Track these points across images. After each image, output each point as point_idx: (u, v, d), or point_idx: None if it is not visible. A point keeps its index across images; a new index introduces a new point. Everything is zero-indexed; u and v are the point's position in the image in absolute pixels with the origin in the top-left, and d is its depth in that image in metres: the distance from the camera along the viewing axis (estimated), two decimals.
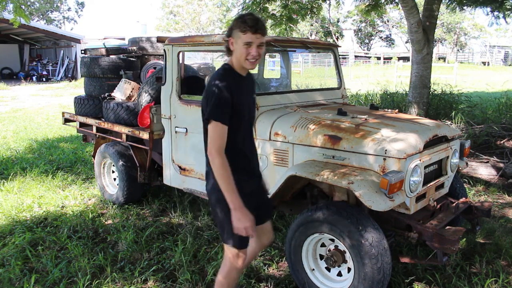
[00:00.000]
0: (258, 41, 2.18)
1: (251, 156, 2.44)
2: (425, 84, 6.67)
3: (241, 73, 2.33)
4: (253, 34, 2.16)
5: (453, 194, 3.55)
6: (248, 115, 2.38)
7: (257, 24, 2.16)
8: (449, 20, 42.54)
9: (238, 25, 2.18)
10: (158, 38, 4.18)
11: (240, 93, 2.28)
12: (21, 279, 3.24)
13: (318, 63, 27.25)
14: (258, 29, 2.16)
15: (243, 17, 2.18)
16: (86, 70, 5.20)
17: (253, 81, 2.50)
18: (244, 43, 2.17)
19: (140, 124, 4.39)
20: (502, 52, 42.98)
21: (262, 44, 2.22)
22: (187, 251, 3.62)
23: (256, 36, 2.17)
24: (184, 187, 3.98)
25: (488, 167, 5.79)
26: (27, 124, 10.21)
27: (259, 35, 2.18)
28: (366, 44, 52.59)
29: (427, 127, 3.13)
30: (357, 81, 18.51)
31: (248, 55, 2.20)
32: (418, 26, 6.21)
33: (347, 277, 2.83)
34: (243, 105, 2.30)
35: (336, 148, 2.95)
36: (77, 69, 24.57)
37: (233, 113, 2.24)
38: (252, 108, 2.46)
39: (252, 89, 2.46)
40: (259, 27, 2.16)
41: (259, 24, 2.17)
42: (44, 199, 4.94)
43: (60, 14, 45.14)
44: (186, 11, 45.20)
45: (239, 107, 2.27)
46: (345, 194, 3.12)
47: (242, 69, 2.33)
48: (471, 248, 3.68)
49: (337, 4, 9.25)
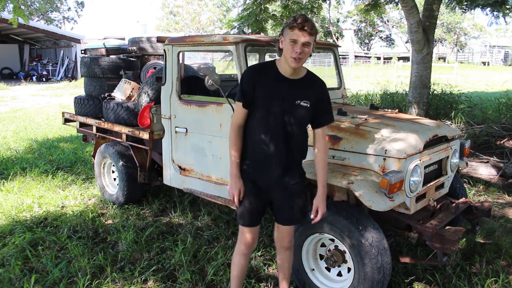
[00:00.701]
0: (304, 39, 2.23)
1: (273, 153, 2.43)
2: (425, 84, 6.67)
3: (287, 74, 2.38)
4: (299, 31, 2.21)
5: (453, 194, 3.55)
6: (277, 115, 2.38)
7: (305, 22, 2.21)
8: (449, 20, 42.53)
9: (288, 23, 2.26)
10: (158, 38, 4.17)
11: (267, 90, 2.38)
12: (21, 279, 3.24)
13: (318, 63, 27.24)
14: (306, 27, 2.21)
15: (295, 16, 2.26)
16: (86, 70, 5.20)
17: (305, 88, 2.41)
18: (291, 40, 2.24)
19: (140, 124, 4.39)
20: (502, 52, 42.97)
21: (308, 44, 2.25)
22: (187, 251, 3.62)
23: (303, 34, 2.22)
24: (184, 187, 3.98)
25: (488, 167, 5.79)
26: (27, 124, 10.21)
27: (306, 34, 2.22)
28: (366, 44, 52.58)
29: (427, 127, 3.14)
30: (357, 81, 18.51)
31: (292, 52, 2.25)
32: (418, 26, 6.21)
33: (347, 277, 2.83)
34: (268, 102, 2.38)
35: (336, 148, 2.95)
36: (77, 69, 24.57)
37: (254, 104, 2.41)
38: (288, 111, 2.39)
39: (297, 94, 2.39)
40: (307, 26, 2.22)
41: (308, 23, 2.23)
42: (44, 199, 4.94)
43: (60, 14, 45.14)
44: (186, 11, 45.21)
45: (262, 103, 2.39)
46: (345, 194, 3.12)
47: (290, 70, 2.36)
48: (471, 248, 3.69)
49: (338, 4, 9.25)
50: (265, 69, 2.46)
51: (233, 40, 3.37)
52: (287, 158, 2.46)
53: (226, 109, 3.41)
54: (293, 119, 2.41)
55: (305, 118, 2.45)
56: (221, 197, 3.60)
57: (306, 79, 2.44)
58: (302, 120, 2.45)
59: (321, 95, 2.46)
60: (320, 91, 2.46)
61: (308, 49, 2.27)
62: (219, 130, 3.52)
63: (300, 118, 2.43)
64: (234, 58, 3.38)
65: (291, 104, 2.39)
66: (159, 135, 4.09)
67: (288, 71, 2.38)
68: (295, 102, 2.39)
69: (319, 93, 2.46)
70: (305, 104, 2.40)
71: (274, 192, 2.54)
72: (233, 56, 3.38)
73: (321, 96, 2.47)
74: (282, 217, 2.61)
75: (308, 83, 2.44)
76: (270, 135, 2.42)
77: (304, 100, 2.40)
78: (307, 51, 2.27)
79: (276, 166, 2.46)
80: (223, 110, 3.46)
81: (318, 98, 2.44)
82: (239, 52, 3.34)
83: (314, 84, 2.46)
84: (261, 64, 2.57)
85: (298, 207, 2.58)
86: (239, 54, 3.33)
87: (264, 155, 2.45)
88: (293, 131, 2.43)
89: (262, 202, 2.56)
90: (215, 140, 3.58)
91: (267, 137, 2.42)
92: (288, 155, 2.46)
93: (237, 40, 3.36)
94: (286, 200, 2.55)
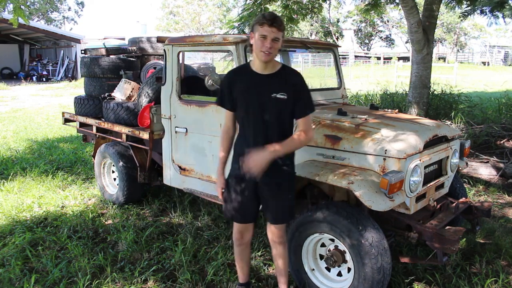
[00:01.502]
0: (273, 34, 2.34)
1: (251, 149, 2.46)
2: (425, 84, 6.66)
3: (260, 70, 2.49)
4: (269, 27, 2.32)
5: (453, 194, 3.55)
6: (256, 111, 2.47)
7: (274, 19, 2.34)
8: (449, 20, 42.53)
9: (258, 20, 2.37)
10: (158, 38, 4.17)
11: (243, 88, 2.50)
12: (21, 279, 3.24)
13: (318, 63, 27.22)
14: (275, 23, 2.33)
15: (264, 14, 2.40)
16: (86, 70, 5.20)
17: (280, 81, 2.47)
18: (260, 35, 2.34)
19: (140, 124, 4.39)
20: (502, 52, 42.97)
21: (277, 39, 2.36)
22: (187, 251, 3.62)
23: (272, 30, 2.33)
24: (184, 187, 3.98)
25: (488, 167, 5.79)
26: (27, 124, 10.21)
27: (275, 29, 2.33)
28: (366, 44, 52.59)
29: (427, 127, 3.13)
30: (357, 81, 18.51)
31: (262, 47, 2.34)
32: (418, 26, 6.21)
33: (347, 277, 2.83)
34: (246, 100, 2.49)
35: (336, 148, 2.95)
36: (77, 69, 24.58)
37: (236, 105, 2.55)
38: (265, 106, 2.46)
39: (272, 88, 2.45)
40: (276, 22, 2.33)
41: (277, 19, 2.35)
42: (44, 199, 4.94)
43: (60, 14, 45.15)
44: (186, 11, 45.20)
45: (241, 101, 2.51)
46: (345, 194, 3.12)
47: (262, 65, 2.46)
48: (471, 248, 3.69)
49: (338, 4, 9.26)
50: (241, 70, 2.62)
51: (233, 40, 3.37)
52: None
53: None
54: (272, 112, 2.47)
55: (284, 110, 2.49)
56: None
57: (281, 72, 2.51)
58: (281, 113, 2.49)
59: (298, 86, 2.50)
60: (297, 82, 2.50)
61: (277, 44, 2.38)
62: (219, 130, 3.51)
63: (279, 111, 2.48)
64: (234, 58, 3.38)
65: (267, 98, 2.45)
66: (159, 135, 4.09)
67: (261, 67, 2.47)
68: (271, 95, 2.45)
69: (296, 84, 2.50)
70: (282, 96, 2.45)
71: (260, 189, 2.58)
72: (233, 56, 3.38)
73: (299, 87, 2.50)
74: (268, 215, 2.65)
75: (283, 76, 2.49)
76: (251, 130, 2.51)
77: (281, 92, 2.45)
78: (276, 46, 2.37)
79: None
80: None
81: (295, 89, 2.48)
82: (239, 52, 3.34)
83: (290, 76, 2.51)
84: (237, 67, 2.71)
85: (283, 207, 2.60)
86: (239, 54, 3.33)
87: (246, 151, 2.50)
88: (273, 125, 2.49)
89: (248, 199, 2.61)
90: (215, 140, 3.58)
91: (248, 133, 2.53)
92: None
93: (237, 40, 3.36)
94: (270, 198, 2.59)
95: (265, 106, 2.47)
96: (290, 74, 2.52)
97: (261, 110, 2.47)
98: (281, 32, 2.37)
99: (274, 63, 2.51)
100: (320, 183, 3.06)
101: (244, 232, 2.75)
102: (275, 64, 2.51)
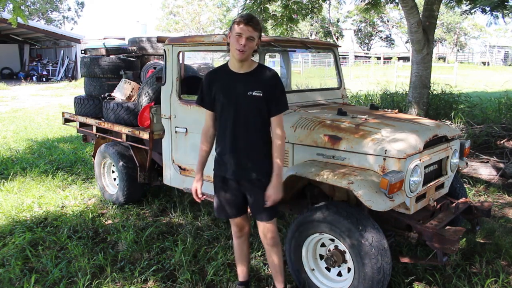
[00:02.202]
0: (248, 33, 2.39)
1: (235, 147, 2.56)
2: (425, 84, 6.66)
3: (237, 69, 2.53)
4: (245, 26, 2.37)
5: (453, 194, 3.55)
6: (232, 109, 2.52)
7: (250, 18, 2.39)
8: (449, 20, 42.53)
9: (235, 19, 2.44)
10: (158, 38, 4.17)
11: (220, 87, 2.56)
12: (21, 279, 3.24)
13: (318, 63, 27.23)
14: (250, 22, 2.38)
15: (241, 14, 2.47)
16: (86, 70, 5.20)
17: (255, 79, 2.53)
18: (236, 33, 2.40)
19: (140, 124, 4.39)
20: (502, 52, 42.96)
21: (252, 38, 2.41)
22: (187, 251, 3.62)
23: (248, 29, 2.38)
24: (184, 187, 3.98)
25: (488, 167, 5.79)
26: (27, 124, 10.21)
27: (251, 28, 2.38)
28: (366, 44, 52.59)
29: (427, 127, 3.13)
30: (357, 81, 18.51)
31: (237, 45, 2.40)
32: (418, 26, 6.21)
33: (347, 277, 2.83)
34: (223, 98, 2.55)
35: (336, 148, 2.95)
36: (77, 69, 24.57)
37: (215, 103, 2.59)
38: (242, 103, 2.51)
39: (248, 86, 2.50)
40: (252, 21, 2.39)
41: (253, 19, 2.40)
42: (44, 199, 4.94)
43: (60, 14, 45.14)
44: (186, 11, 45.20)
45: (218, 100, 2.57)
46: (345, 194, 3.12)
47: (238, 64, 2.51)
48: (471, 248, 3.69)
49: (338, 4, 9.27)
50: (219, 70, 2.65)
51: None
52: (245, 149, 2.56)
53: None
54: (248, 110, 2.52)
55: (260, 108, 2.53)
56: None
57: (257, 71, 2.55)
58: (258, 111, 2.54)
59: (273, 84, 2.55)
60: (272, 81, 2.55)
61: (252, 43, 2.43)
62: None
63: (255, 109, 2.53)
64: None
65: (243, 96, 2.50)
66: (159, 135, 4.09)
67: (237, 65, 2.53)
68: (247, 93, 2.50)
69: (271, 82, 2.55)
70: (258, 94, 2.50)
71: (243, 186, 2.63)
72: None
73: (274, 85, 2.55)
74: (252, 212, 2.71)
75: (259, 74, 2.54)
76: (228, 128, 2.56)
77: (256, 90, 2.50)
78: (251, 45, 2.42)
79: (234, 158, 2.56)
80: None
81: (270, 87, 2.53)
82: None
83: (265, 74, 2.55)
84: (216, 67, 2.75)
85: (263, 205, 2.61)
86: None
87: (223, 148, 2.60)
88: (250, 122, 2.53)
89: (236, 195, 2.67)
90: None
91: (226, 131, 2.57)
92: (246, 147, 2.56)
93: None
94: (252, 194, 2.64)
95: (241, 104, 2.52)
96: (265, 72, 2.56)
97: (238, 108, 2.52)
98: (256, 32, 2.41)
99: (251, 63, 2.56)
100: (320, 183, 3.06)
101: (242, 224, 2.82)
102: (251, 64, 2.56)
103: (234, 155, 2.57)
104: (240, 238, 2.87)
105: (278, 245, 2.76)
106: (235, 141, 2.56)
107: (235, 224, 2.82)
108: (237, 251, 2.91)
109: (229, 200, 2.70)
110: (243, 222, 2.82)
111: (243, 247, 2.90)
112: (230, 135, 2.56)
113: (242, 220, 2.80)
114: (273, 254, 2.77)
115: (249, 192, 2.65)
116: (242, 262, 2.93)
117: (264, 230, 2.69)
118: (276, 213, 2.71)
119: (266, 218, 2.65)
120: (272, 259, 2.79)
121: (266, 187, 2.57)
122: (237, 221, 2.80)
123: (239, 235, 2.86)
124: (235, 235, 2.86)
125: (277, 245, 2.76)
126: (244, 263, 2.94)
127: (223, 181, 2.67)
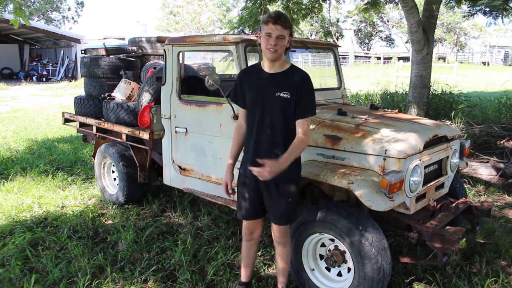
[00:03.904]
0: (277, 32, 2.36)
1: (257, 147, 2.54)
2: (425, 84, 6.66)
3: (268, 69, 2.51)
4: (273, 25, 2.35)
5: (453, 194, 3.55)
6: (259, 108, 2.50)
7: (278, 17, 2.36)
8: (449, 20, 42.52)
9: (263, 18, 2.40)
10: (158, 38, 4.18)
11: (250, 85, 2.56)
12: (21, 279, 3.24)
13: (318, 63, 27.23)
14: (279, 21, 2.35)
15: (269, 13, 2.41)
16: (86, 70, 5.20)
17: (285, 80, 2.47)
18: (265, 33, 2.38)
19: (140, 124, 4.39)
20: (502, 52, 42.95)
21: (282, 37, 2.38)
22: (187, 251, 3.62)
23: (276, 27, 2.35)
24: (184, 187, 3.98)
25: (488, 167, 5.79)
26: (27, 124, 10.21)
27: (280, 27, 2.35)
28: (366, 44, 52.57)
29: (427, 127, 3.13)
30: (357, 81, 18.51)
31: (267, 44, 2.38)
32: (418, 26, 6.21)
33: (347, 277, 2.83)
34: (251, 97, 2.54)
35: (336, 148, 2.95)
36: (77, 69, 24.57)
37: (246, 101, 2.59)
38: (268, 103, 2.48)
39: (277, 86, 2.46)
40: (280, 19, 2.36)
41: (281, 17, 2.37)
42: (44, 199, 4.94)
43: (60, 14, 45.14)
44: (186, 11, 45.20)
45: (249, 97, 2.56)
46: (345, 194, 3.12)
47: (270, 64, 2.49)
48: (471, 248, 3.69)
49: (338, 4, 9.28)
50: (252, 68, 2.66)
51: (233, 40, 3.37)
52: (267, 151, 2.51)
53: (226, 109, 3.41)
54: (275, 111, 2.48)
55: (287, 110, 2.48)
56: (221, 197, 3.60)
57: (288, 72, 2.51)
58: (285, 112, 2.48)
59: (302, 86, 2.47)
60: (302, 82, 2.48)
61: (283, 42, 2.40)
62: (219, 130, 3.52)
63: (282, 110, 2.48)
64: (234, 58, 3.38)
65: (272, 96, 2.47)
66: (159, 135, 4.09)
67: (268, 65, 2.51)
68: (275, 94, 2.47)
69: (301, 84, 2.47)
70: (285, 95, 2.46)
71: (262, 188, 2.60)
72: (233, 56, 3.39)
73: (302, 87, 2.47)
74: (269, 214, 2.68)
75: (289, 75, 2.50)
76: (254, 128, 2.54)
77: (284, 91, 2.46)
78: (282, 43, 2.40)
79: (256, 158, 2.49)
80: (223, 110, 3.46)
81: (299, 89, 2.46)
82: (239, 52, 3.34)
83: (296, 75, 2.50)
84: (248, 66, 2.78)
85: (281, 209, 2.59)
86: (239, 54, 3.33)
87: (248, 148, 2.59)
88: (276, 123, 2.49)
89: (254, 196, 2.64)
90: (215, 140, 3.58)
91: (252, 131, 2.56)
92: (269, 148, 2.52)
93: (237, 40, 3.36)
94: (269, 198, 2.60)
95: (269, 104, 2.48)
96: (296, 74, 2.50)
97: (264, 108, 2.49)
98: (286, 30, 2.38)
99: (283, 63, 2.51)
100: (320, 183, 3.05)
101: (254, 229, 2.79)
102: (283, 64, 2.51)
103: (254, 153, 2.54)
104: (249, 242, 2.83)
105: (287, 247, 2.76)
106: (258, 140, 2.53)
107: (247, 227, 2.78)
108: (244, 253, 2.89)
109: (247, 200, 2.67)
110: (255, 226, 2.77)
111: (250, 251, 2.87)
112: (255, 135, 2.54)
113: (255, 224, 2.76)
114: (280, 255, 2.77)
115: (265, 194, 2.60)
116: (247, 264, 2.91)
117: (275, 231, 2.70)
118: (294, 219, 2.71)
119: (278, 223, 2.65)
120: (278, 260, 2.80)
121: (285, 194, 2.55)
122: (250, 224, 2.76)
123: (249, 239, 2.82)
124: (245, 237, 2.83)
125: (286, 248, 2.76)
126: (249, 266, 2.92)
127: (244, 180, 2.66)
